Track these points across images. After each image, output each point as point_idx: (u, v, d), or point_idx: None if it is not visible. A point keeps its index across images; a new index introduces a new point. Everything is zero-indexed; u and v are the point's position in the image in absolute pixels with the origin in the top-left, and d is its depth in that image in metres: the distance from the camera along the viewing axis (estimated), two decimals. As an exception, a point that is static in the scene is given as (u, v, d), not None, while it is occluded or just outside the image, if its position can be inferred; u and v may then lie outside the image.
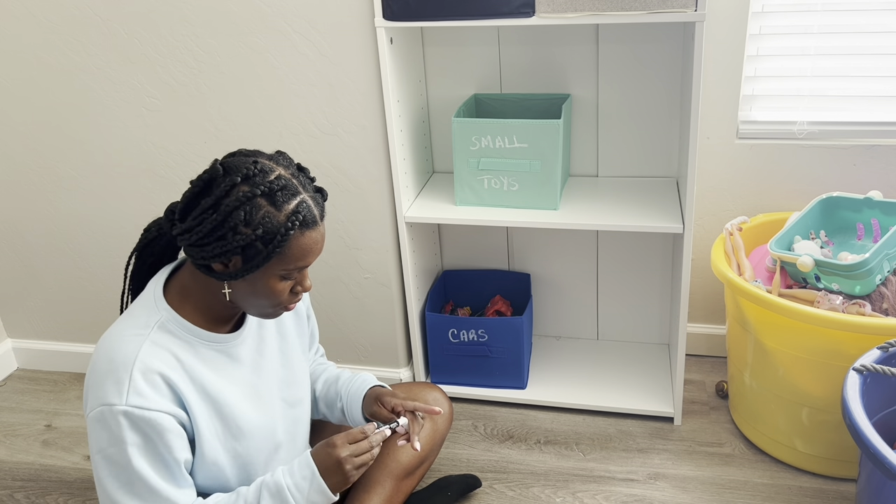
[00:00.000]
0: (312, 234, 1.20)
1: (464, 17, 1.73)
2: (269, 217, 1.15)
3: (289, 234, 1.16)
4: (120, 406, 1.15)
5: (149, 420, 1.17)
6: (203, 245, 1.17)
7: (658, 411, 2.06)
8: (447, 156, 2.23)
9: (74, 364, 2.49)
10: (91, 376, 1.21)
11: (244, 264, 1.18)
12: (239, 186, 1.16)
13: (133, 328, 1.22)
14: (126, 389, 1.16)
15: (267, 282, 1.21)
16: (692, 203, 1.82)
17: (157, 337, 1.21)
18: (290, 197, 1.17)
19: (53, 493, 1.99)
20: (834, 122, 2.01)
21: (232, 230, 1.15)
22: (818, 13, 1.92)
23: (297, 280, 1.25)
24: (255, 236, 1.15)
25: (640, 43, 1.98)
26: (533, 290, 2.36)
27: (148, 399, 1.17)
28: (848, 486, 1.82)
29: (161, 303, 1.25)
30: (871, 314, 1.67)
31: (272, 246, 1.16)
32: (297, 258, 1.19)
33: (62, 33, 2.01)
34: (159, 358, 1.20)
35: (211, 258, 1.17)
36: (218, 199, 1.16)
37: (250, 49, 1.93)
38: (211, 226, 1.15)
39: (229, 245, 1.15)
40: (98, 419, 1.17)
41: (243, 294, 1.23)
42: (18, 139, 2.18)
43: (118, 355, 1.19)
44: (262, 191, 1.15)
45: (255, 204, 1.15)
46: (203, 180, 1.18)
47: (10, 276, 2.40)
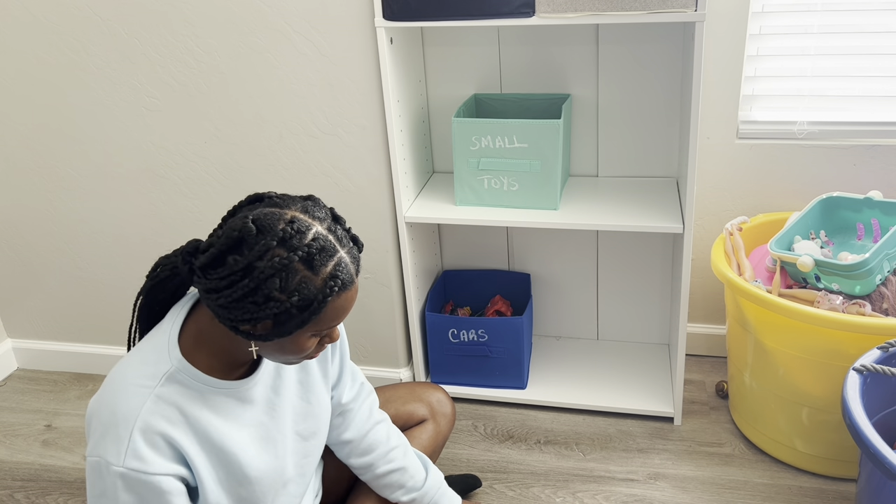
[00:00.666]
0: (348, 295, 1.12)
1: (464, 17, 1.73)
2: (307, 283, 1.07)
3: (326, 301, 1.08)
4: (117, 467, 1.10)
5: (145, 483, 1.12)
6: (232, 308, 1.08)
7: (658, 411, 2.07)
8: (447, 156, 2.23)
9: (74, 364, 2.49)
10: (94, 417, 1.15)
11: (275, 328, 1.10)
12: (274, 250, 1.06)
13: (140, 378, 1.16)
14: (125, 450, 1.10)
15: (296, 341, 1.14)
16: (692, 203, 1.82)
17: (162, 391, 1.15)
18: (327, 259, 1.08)
19: (53, 493, 1.99)
20: (834, 122, 2.01)
21: (265, 297, 1.06)
22: (818, 13, 1.92)
23: (325, 335, 1.19)
24: (290, 304, 1.06)
25: (640, 43, 1.98)
26: (533, 290, 2.36)
27: (147, 462, 1.11)
28: (848, 486, 1.82)
29: (174, 351, 1.17)
30: (871, 314, 1.67)
31: (308, 313, 1.08)
32: (330, 319, 1.12)
33: (62, 33, 2.01)
34: (162, 415, 1.14)
35: (240, 322, 1.09)
36: (250, 262, 1.06)
37: (250, 49, 1.93)
38: (243, 291, 1.06)
39: (262, 312, 1.07)
40: (94, 469, 1.13)
41: (269, 351, 1.17)
42: (18, 139, 2.18)
43: (120, 408, 1.13)
44: (301, 255, 1.06)
45: (291, 270, 1.06)
46: (232, 238, 1.07)
47: (10, 276, 2.40)
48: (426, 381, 2.24)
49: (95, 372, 2.49)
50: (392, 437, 1.52)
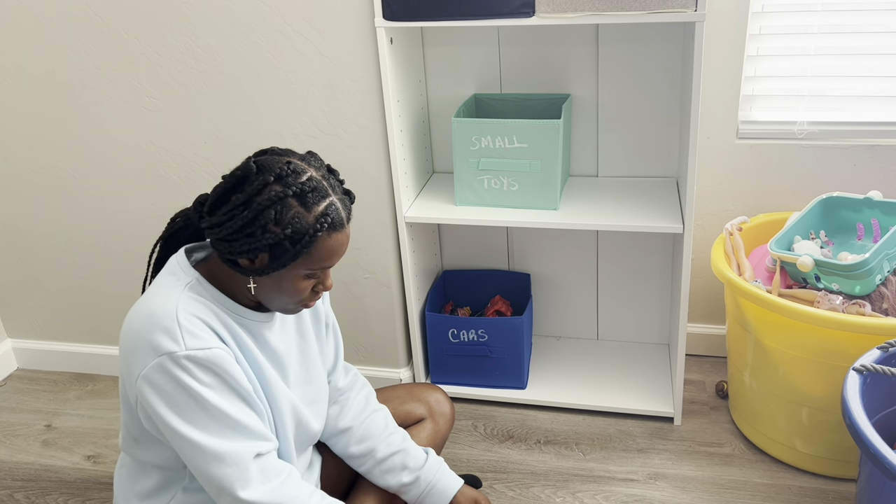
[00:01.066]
0: (339, 237, 1.22)
1: (464, 17, 1.73)
2: (299, 217, 1.17)
3: (317, 236, 1.18)
4: (181, 352, 1.16)
5: (212, 358, 1.18)
6: (232, 241, 1.19)
7: (658, 411, 2.07)
8: (447, 156, 2.23)
9: (74, 364, 2.50)
10: (131, 338, 1.20)
11: (270, 262, 1.19)
12: (271, 186, 1.17)
13: (163, 289, 1.23)
14: (180, 336, 1.17)
15: (291, 280, 1.22)
16: (692, 203, 1.82)
17: (190, 294, 1.23)
18: (320, 199, 1.19)
19: (53, 493, 1.99)
20: (834, 122, 2.01)
21: (262, 228, 1.16)
22: (818, 13, 1.92)
23: (319, 279, 1.26)
24: (283, 235, 1.16)
25: (640, 43, 1.98)
26: (533, 290, 2.36)
27: (204, 339, 1.18)
28: (848, 486, 1.82)
29: (187, 268, 1.26)
30: (871, 314, 1.67)
31: (300, 246, 1.17)
32: (322, 259, 1.21)
33: (62, 33, 2.01)
34: (199, 309, 1.21)
35: (238, 254, 1.19)
36: (250, 196, 1.17)
37: (250, 49, 1.93)
38: (241, 223, 1.17)
39: (258, 242, 1.17)
40: (159, 371, 1.17)
41: (267, 290, 1.24)
42: (18, 139, 2.18)
43: (157, 309, 1.19)
44: (294, 191, 1.17)
45: (286, 204, 1.17)
46: (235, 177, 1.20)
47: (10, 276, 2.40)
48: (426, 381, 2.24)
49: (95, 372, 2.49)
50: (390, 424, 1.55)
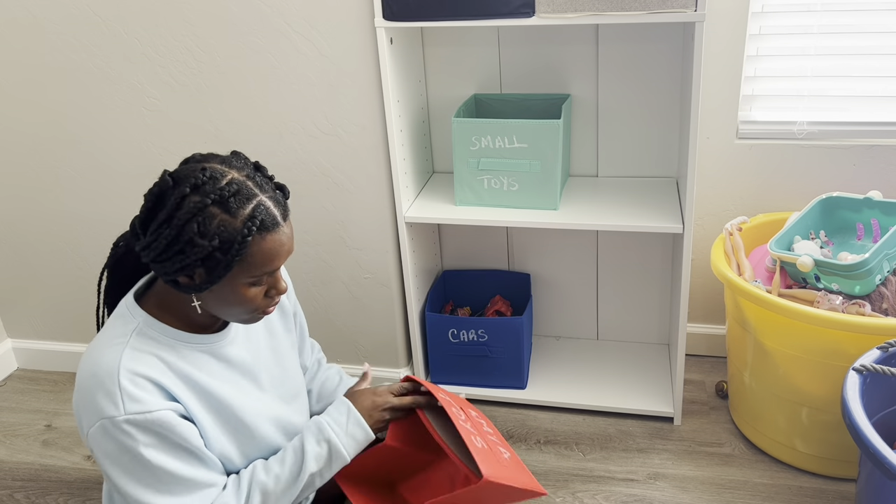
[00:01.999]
0: (275, 237, 1.15)
1: (464, 18, 1.73)
2: (224, 225, 1.11)
3: (247, 241, 1.11)
4: (120, 416, 1.13)
5: (153, 421, 1.14)
6: (163, 261, 1.14)
7: (658, 411, 2.07)
8: (447, 156, 2.23)
9: (74, 364, 2.49)
10: (79, 397, 1.17)
11: (207, 276, 1.14)
12: (189, 197, 1.11)
13: (110, 339, 1.19)
14: (120, 399, 1.13)
15: (235, 290, 1.17)
16: (692, 203, 1.82)
17: (136, 343, 1.18)
18: (244, 202, 1.12)
19: (53, 493, 1.99)
20: (834, 122, 2.01)
21: (188, 243, 1.11)
22: (818, 13, 1.92)
23: (269, 284, 1.21)
24: (212, 247, 1.10)
25: (640, 43, 1.98)
26: (533, 290, 2.36)
27: (144, 402, 1.14)
28: (848, 486, 1.82)
29: (135, 310, 1.21)
30: (871, 314, 1.67)
31: (231, 254, 1.11)
32: (261, 264, 1.15)
33: (62, 33, 2.01)
34: (142, 362, 1.17)
35: (173, 272, 1.14)
36: (170, 212, 1.11)
37: (250, 49, 1.93)
38: (167, 241, 1.12)
39: (188, 259, 1.11)
40: (101, 433, 1.14)
41: (215, 305, 1.20)
42: (18, 139, 2.18)
43: (101, 368, 1.15)
44: (213, 199, 1.10)
45: (207, 214, 1.10)
46: (154, 194, 1.14)
47: (10, 276, 2.40)
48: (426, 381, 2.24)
49: (95, 372, 2.49)
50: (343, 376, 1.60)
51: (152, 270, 1.20)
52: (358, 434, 1.33)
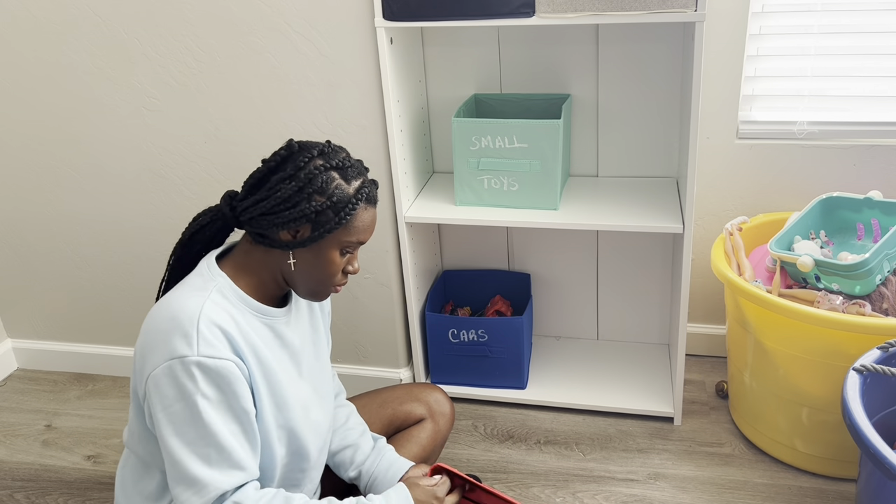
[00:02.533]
0: (373, 212, 1.31)
1: (464, 17, 1.73)
2: (341, 188, 1.25)
3: (357, 205, 1.26)
4: (192, 357, 1.17)
5: (221, 369, 1.19)
6: (276, 213, 1.24)
7: (658, 411, 2.07)
8: (447, 156, 2.23)
9: (74, 364, 2.50)
10: (150, 335, 1.22)
11: (313, 231, 1.25)
12: (314, 160, 1.25)
13: (192, 290, 1.25)
14: (195, 341, 1.18)
15: (328, 253, 1.28)
16: (692, 203, 1.82)
17: (216, 298, 1.25)
18: (357, 174, 1.28)
19: (53, 493, 1.99)
20: (834, 122, 2.01)
21: (307, 198, 1.23)
22: (818, 13, 1.92)
23: (348, 260, 1.32)
24: (328, 203, 1.24)
25: (640, 43, 1.98)
26: (533, 290, 2.36)
27: (217, 349, 1.19)
28: (848, 486, 1.82)
29: (216, 270, 1.29)
30: (871, 314, 1.67)
31: (343, 214, 1.24)
32: (359, 231, 1.28)
33: (62, 33, 2.01)
34: (220, 316, 1.23)
35: (283, 224, 1.23)
36: (296, 169, 1.24)
37: (250, 49, 1.93)
38: (288, 192, 1.23)
39: (303, 211, 1.23)
40: (166, 373, 1.18)
41: (304, 266, 1.28)
42: (18, 139, 2.18)
43: (181, 312, 1.21)
44: (336, 164, 1.25)
45: (329, 176, 1.24)
46: (280, 155, 1.27)
47: (10, 276, 2.40)
48: (426, 381, 2.24)
49: (95, 372, 2.49)
50: (352, 419, 1.59)
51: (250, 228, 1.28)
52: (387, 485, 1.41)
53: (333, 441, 1.54)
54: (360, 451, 1.53)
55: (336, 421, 1.57)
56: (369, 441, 1.55)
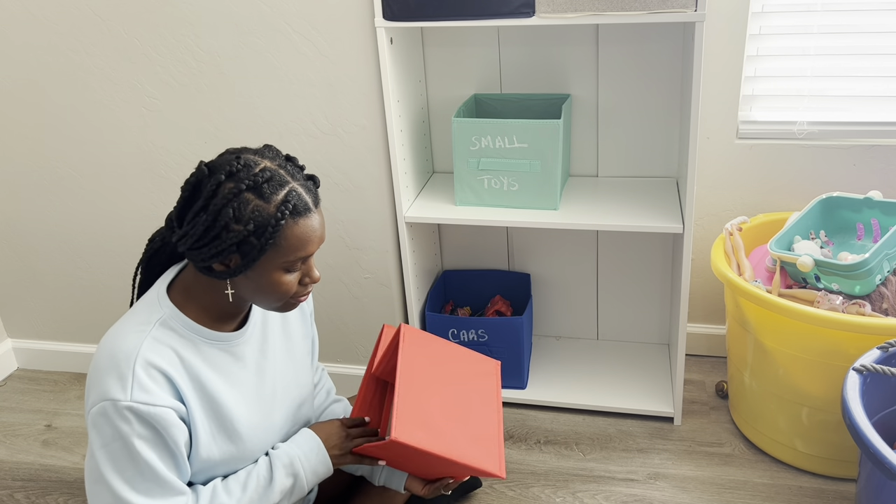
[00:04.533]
0: (307, 222, 1.19)
1: (464, 17, 1.73)
2: (259, 210, 1.15)
3: (280, 225, 1.16)
4: (124, 402, 1.16)
5: (154, 415, 1.17)
6: (200, 247, 1.18)
7: (658, 411, 2.07)
8: (447, 156, 2.23)
9: (74, 364, 2.50)
10: (93, 373, 1.21)
11: (242, 260, 1.18)
12: (224, 184, 1.16)
13: (135, 325, 1.23)
14: (130, 385, 1.16)
15: (270, 276, 1.20)
16: (692, 203, 1.82)
17: (158, 333, 1.22)
18: (277, 188, 1.17)
19: (53, 493, 1.99)
20: (834, 122, 2.01)
21: (224, 228, 1.15)
22: (818, 13, 1.92)
23: (303, 271, 1.25)
24: (247, 231, 1.15)
25: (640, 43, 1.98)
26: (533, 290, 2.36)
27: (152, 394, 1.17)
28: (848, 486, 1.82)
29: (164, 300, 1.25)
30: (871, 314, 1.67)
31: (265, 238, 1.15)
32: (294, 248, 1.19)
33: (62, 33, 2.01)
34: (160, 354, 1.20)
35: (209, 259, 1.18)
36: (207, 199, 1.16)
37: (250, 49, 1.93)
38: (203, 227, 1.16)
39: (224, 244, 1.16)
40: (101, 414, 1.17)
41: (249, 291, 1.23)
42: (18, 139, 2.18)
43: (120, 351, 1.19)
44: (248, 185, 1.15)
45: (242, 199, 1.15)
46: (190, 184, 1.19)
47: (10, 276, 2.40)
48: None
49: (95, 372, 2.49)
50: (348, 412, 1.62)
51: (188, 260, 1.23)
52: (321, 471, 1.38)
53: None
54: None
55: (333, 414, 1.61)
56: None
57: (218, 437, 1.29)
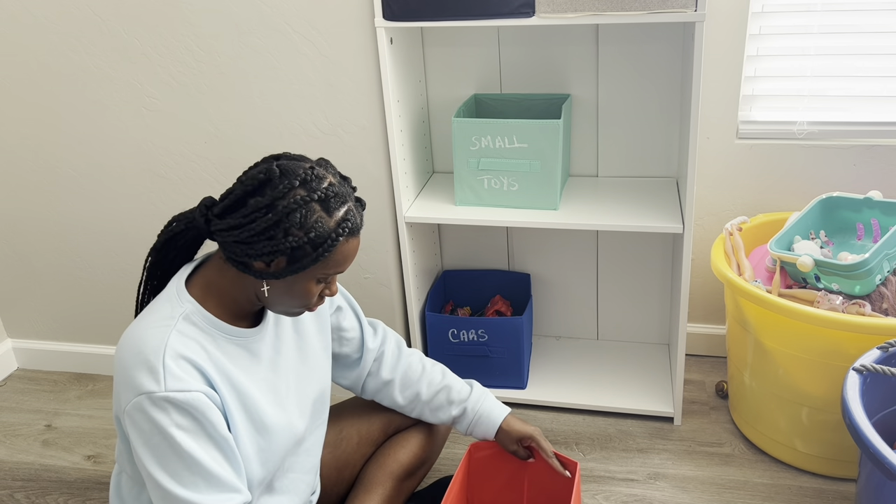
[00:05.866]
0: (355, 242, 1.24)
1: (464, 18, 1.73)
2: (322, 222, 1.18)
3: (338, 241, 1.19)
4: (159, 393, 1.15)
5: (191, 402, 1.17)
6: (251, 243, 1.18)
7: (658, 411, 2.07)
8: (447, 156, 2.23)
9: (74, 364, 2.50)
10: (121, 372, 1.20)
11: (288, 265, 1.19)
12: (296, 190, 1.17)
13: (158, 320, 1.23)
14: (162, 376, 1.16)
15: (304, 284, 1.23)
16: (692, 203, 1.82)
17: (183, 327, 1.22)
18: (340, 204, 1.20)
19: (53, 493, 1.99)
20: (834, 122, 2.01)
21: (284, 231, 1.17)
22: (818, 13, 1.92)
23: (325, 286, 1.28)
24: (306, 239, 1.17)
25: (640, 43, 1.98)
26: (533, 290, 2.36)
27: (185, 382, 1.17)
28: (848, 486, 1.82)
29: (185, 295, 1.26)
30: (871, 314, 1.67)
31: (321, 250, 1.18)
32: (337, 263, 1.23)
33: (62, 33, 2.01)
34: (187, 346, 1.21)
35: (256, 256, 1.18)
36: (274, 199, 1.17)
37: (250, 49, 1.93)
38: (264, 225, 1.17)
39: (279, 246, 1.17)
40: (138, 409, 1.17)
41: (278, 293, 1.25)
42: (18, 139, 2.18)
43: (146, 346, 1.19)
44: (318, 196, 1.18)
45: (310, 208, 1.17)
46: (258, 180, 1.19)
47: (10, 276, 2.40)
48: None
49: (95, 372, 2.49)
50: (427, 364, 1.63)
51: (224, 251, 1.23)
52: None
53: (423, 391, 1.61)
54: (455, 390, 1.62)
55: (412, 372, 1.62)
56: (457, 379, 1.64)
57: (250, 430, 1.29)
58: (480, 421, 1.60)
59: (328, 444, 1.62)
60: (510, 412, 1.62)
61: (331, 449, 1.62)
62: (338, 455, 1.63)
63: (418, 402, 1.61)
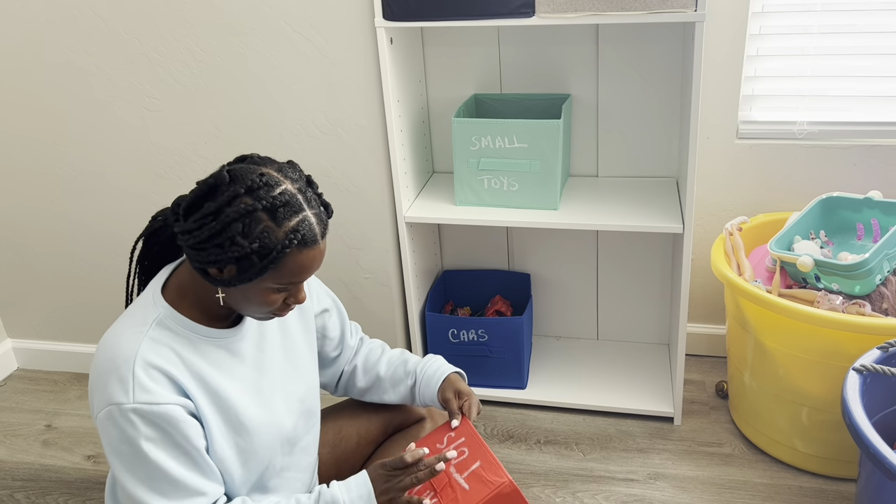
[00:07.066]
0: (310, 253, 1.19)
1: (463, 17, 1.73)
2: (268, 232, 1.14)
3: (285, 252, 1.15)
4: (128, 404, 1.16)
5: (159, 414, 1.17)
6: (200, 249, 1.17)
7: (658, 411, 2.07)
8: (447, 156, 2.23)
9: (74, 364, 2.50)
10: (94, 378, 1.21)
11: (238, 274, 1.17)
12: (241, 198, 1.14)
13: (131, 326, 1.23)
14: (131, 387, 1.16)
15: (260, 293, 1.21)
16: (692, 203, 1.82)
17: (155, 334, 1.22)
18: (291, 214, 1.16)
19: (53, 493, 1.99)
20: (834, 122, 2.01)
21: (229, 240, 1.14)
22: (818, 13, 1.92)
23: (290, 293, 1.25)
24: (250, 249, 1.14)
25: (640, 43, 1.98)
26: (533, 290, 2.36)
27: (154, 394, 1.17)
28: (848, 486, 1.82)
29: (159, 300, 1.26)
30: (871, 314, 1.67)
31: (267, 261, 1.15)
32: (291, 274, 1.19)
33: (62, 33, 2.01)
34: (159, 354, 1.21)
35: (207, 263, 1.17)
36: (220, 206, 1.15)
37: (250, 49, 1.93)
38: (209, 233, 1.15)
39: (225, 254, 1.15)
40: (108, 418, 1.17)
41: (236, 299, 1.23)
42: (18, 139, 2.18)
43: (118, 354, 1.19)
44: (264, 205, 1.14)
45: (255, 217, 1.14)
46: (208, 184, 1.18)
47: (10, 276, 2.40)
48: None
49: (95, 372, 2.49)
50: (386, 347, 1.65)
51: (185, 254, 1.23)
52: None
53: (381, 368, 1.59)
54: (411, 362, 1.58)
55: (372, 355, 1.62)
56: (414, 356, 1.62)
57: (226, 431, 1.28)
58: (427, 381, 1.54)
59: (327, 444, 1.62)
60: (456, 370, 1.56)
61: (330, 449, 1.62)
62: (337, 455, 1.62)
63: (378, 383, 1.59)
